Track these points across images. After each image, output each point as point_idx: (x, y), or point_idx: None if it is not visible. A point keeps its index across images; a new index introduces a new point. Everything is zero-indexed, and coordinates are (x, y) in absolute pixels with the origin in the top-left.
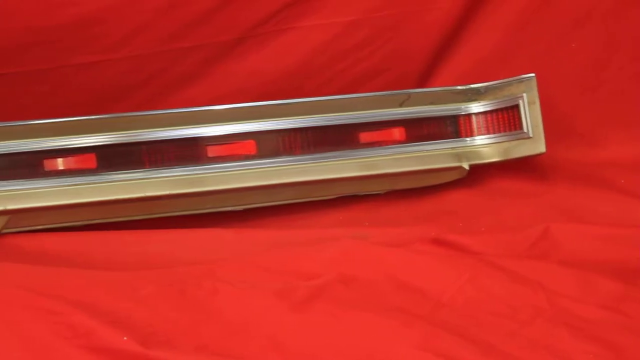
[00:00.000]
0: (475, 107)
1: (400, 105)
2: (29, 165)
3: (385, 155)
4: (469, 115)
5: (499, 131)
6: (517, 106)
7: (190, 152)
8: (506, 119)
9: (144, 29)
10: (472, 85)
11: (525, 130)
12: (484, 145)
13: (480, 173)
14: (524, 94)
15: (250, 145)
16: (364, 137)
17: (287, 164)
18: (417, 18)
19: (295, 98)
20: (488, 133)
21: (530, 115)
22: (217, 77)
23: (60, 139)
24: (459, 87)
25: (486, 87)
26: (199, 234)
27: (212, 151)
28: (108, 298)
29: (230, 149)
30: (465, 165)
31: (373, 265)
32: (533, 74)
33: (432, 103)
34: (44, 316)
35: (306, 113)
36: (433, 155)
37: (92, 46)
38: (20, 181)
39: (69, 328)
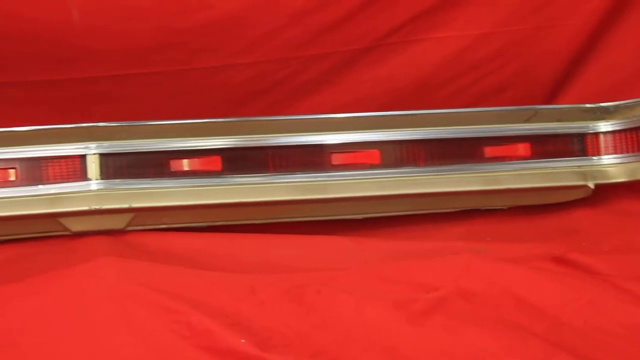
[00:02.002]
0: (604, 126)
1: (527, 121)
2: (156, 165)
3: (509, 171)
4: (597, 133)
5: (627, 151)
6: None
7: (314, 159)
8: (635, 139)
9: (276, 34)
10: (602, 104)
11: None
12: (610, 165)
13: (605, 193)
14: None
15: (374, 155)
16: (489, 151)
17: (410, 175)
18: (547, 34)
19: (421, 109)
20: (615, 153)
21: None
22: (345, 85)
23: (187, 140)
24: (588, 105)
25: (616, 106)
26: (319, 240)
27: (336, 159)
28: (228, 300)
29: (354, 157)
30: (591, 184)
31: (492, 281)
32: None
33: (559, 120)
34: (164, 315)
35: (431, 125)
36: (558, 172)
37: (224, 49)
38: (146, 180)
39: (188, 327)
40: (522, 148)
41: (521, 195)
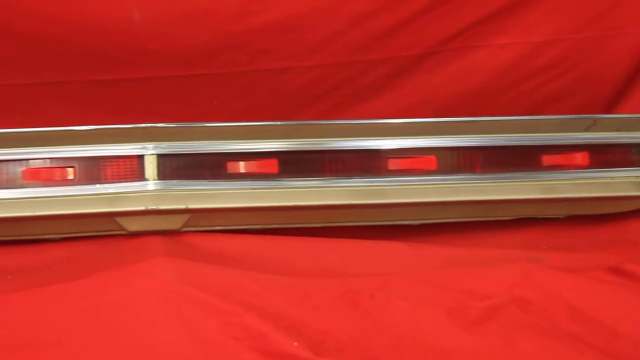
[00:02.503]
0: None
1: (586, 130)
2: (213, 167)
3: (567, 180)
4: None
5: None
6: None
7: (371, 163)
8: None
9: (335, 38)
10: None
11: None
12: None
13: None
14: None
15: (431, 161)
16: (547, 159)
17: (467, 181)
18: (609, 42)
19: (479, 116)
20: None
21: None
22: (403, 91)
23: (244, 142)
24: None
25: None
26: (374, 245)
27: (392, 164)
28: (282, 303)
29: (410, 163)
30: None
31: (548, 290)
32: None
33: (618, 130)
34: (218, 316)
35: (489, 132)
36: (616, 182)
37: (282, 52)
38: (203, 182)
39: (241, 329)
40: (581, 157)
41: (578, 204)
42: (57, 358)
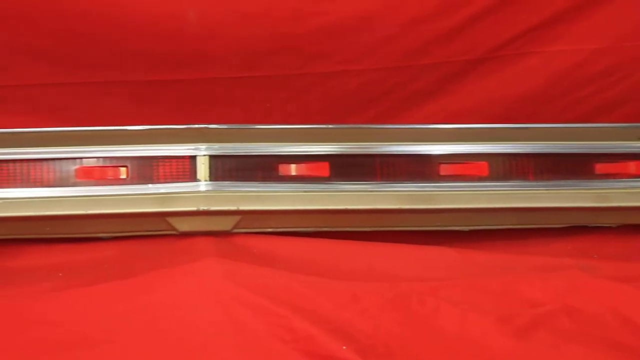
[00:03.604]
0: None
1: None
2: (264, 169)
3: (620, 188)
4: None
5: None
6: None
7: (422, 168)
8: None
9: (389, 42)
10: None
11: None
12: None
13: None
14: None
15: (483, 167)
16: (599, 168)
17: (519, 188)
18: None
19: (532, 123)
20: None
21: None
22: (455, 96)
23: (296, 145)
24: None
25: None
26: (424, 251)
27: (444, 169)
28: (331, 306)
29: (462, 168)
30: None
31: (599, 299)
32: None
33: None
34: (267, 318)
35: (542, 139)
36: None
37: (337, 56)
38: (254, 183)
39: (289, 331)
40: (634, 166)
41: (631, 213)
42: (107, 355)
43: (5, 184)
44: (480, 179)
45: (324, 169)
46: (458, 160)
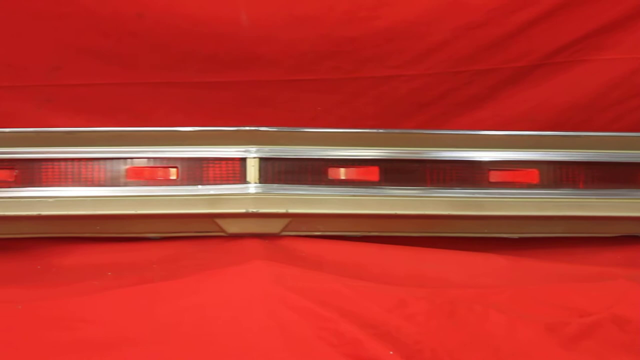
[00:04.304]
0: None
1: None
2: (314, 172)
3: None
4: None
5: None
6: None
7: (472, 175)
8: None
9: (441, 48)
10: None
11: None
12: None
13: None
14: None
15: (533, 174)
16: None
17: (569, 197)
18: None
19: (584, 131)
20: None
21: None
22: (507, 102)
23: (346, 149)
24: None
25: None
26: (472, 257)
27: (494, 176)
28: (378, 310)
29: (512, 175)
30: None
31: None
32: None
33: None
34: (314, 321)
35: (592, 147)
36: None
37: (388, 60)
38: (304, 187)
39: (336, 335)
40: None
41: None
42: (154, 355)
43: (57, 183)
44: (530, 186)
45: (373, 173)
46: (508, 167)
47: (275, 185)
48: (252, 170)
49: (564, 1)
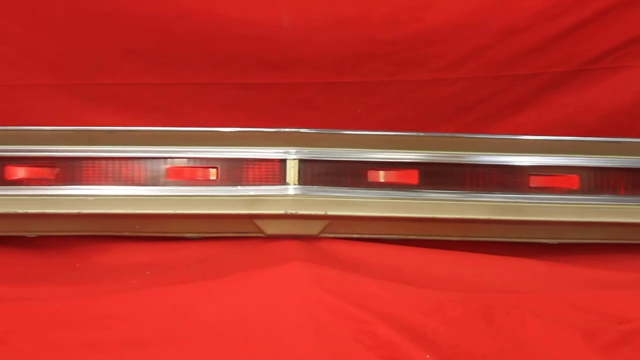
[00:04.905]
0: None
1: None
2: (353, 175)
3: None
4: None
5: None
6: None
7: (512, 179)
8: None
9: (483, 51)
10: None
11: None
12: None
13: None
14: None
15: (573, 180)
16: None
17: (609, 203)
18: None
19: (625, 137)
20: None
21: None
22: (547, 107)
23: (385, 152)
24: None
25: None
26: (511, 262)
27: (534, 181)
28: (415, 314)
29: (552, 181)
30: None
31: None
32: None
33: None
34: (351, 323)
35: (634, 153)
36: None
37: (429, 64)
38: (343, 189)
39: (373, 338)
40: None
41: None
42: (192, 354)
43: (97, 182)
44: (571, 192)
45: (413, 176)
46: (548, 172)
47: (314, 187)
48: (292, 171)
49: (608, 6)
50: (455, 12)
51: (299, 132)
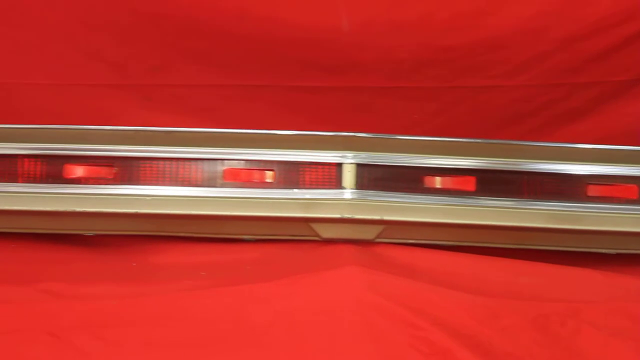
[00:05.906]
0: None
1: None
2: (409, 180)
3: None
4: None
5: None
6: None
7: (570, 188)
8: None
9: (542, 59)
10: None
11: None
12: None
13: None
14: None
15: (633, 190)
16: None
17: None
18: None
19: None
20: None
21: None
22: (607, 117)
23: (442, 158)
24: None
25: None
26: (567, 271)
27: (592, 190)
28: (470, 321)
29: (611, 190)
30: None
31: None
32: None
33: None
34: (406, 329)
35: None
36: None
37: (488, 70)
38: (399, 194)
39: (428, 344)
40: None
41: None
42: (245, 356)
43: (155, 182)
44: (629, 202)
45: (470, 183)
46: (607, 181)
47: (370, 192)
48: (349, 175)
49: None
50: (515, 19)
51: (356, 136)
